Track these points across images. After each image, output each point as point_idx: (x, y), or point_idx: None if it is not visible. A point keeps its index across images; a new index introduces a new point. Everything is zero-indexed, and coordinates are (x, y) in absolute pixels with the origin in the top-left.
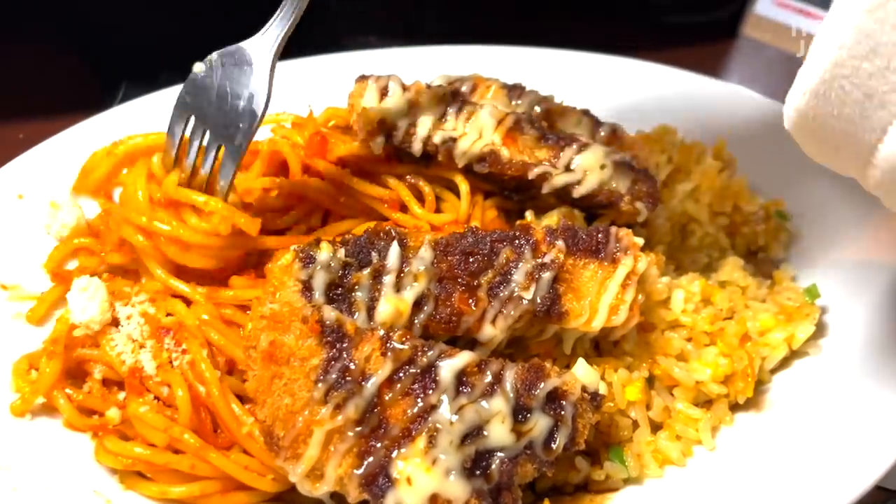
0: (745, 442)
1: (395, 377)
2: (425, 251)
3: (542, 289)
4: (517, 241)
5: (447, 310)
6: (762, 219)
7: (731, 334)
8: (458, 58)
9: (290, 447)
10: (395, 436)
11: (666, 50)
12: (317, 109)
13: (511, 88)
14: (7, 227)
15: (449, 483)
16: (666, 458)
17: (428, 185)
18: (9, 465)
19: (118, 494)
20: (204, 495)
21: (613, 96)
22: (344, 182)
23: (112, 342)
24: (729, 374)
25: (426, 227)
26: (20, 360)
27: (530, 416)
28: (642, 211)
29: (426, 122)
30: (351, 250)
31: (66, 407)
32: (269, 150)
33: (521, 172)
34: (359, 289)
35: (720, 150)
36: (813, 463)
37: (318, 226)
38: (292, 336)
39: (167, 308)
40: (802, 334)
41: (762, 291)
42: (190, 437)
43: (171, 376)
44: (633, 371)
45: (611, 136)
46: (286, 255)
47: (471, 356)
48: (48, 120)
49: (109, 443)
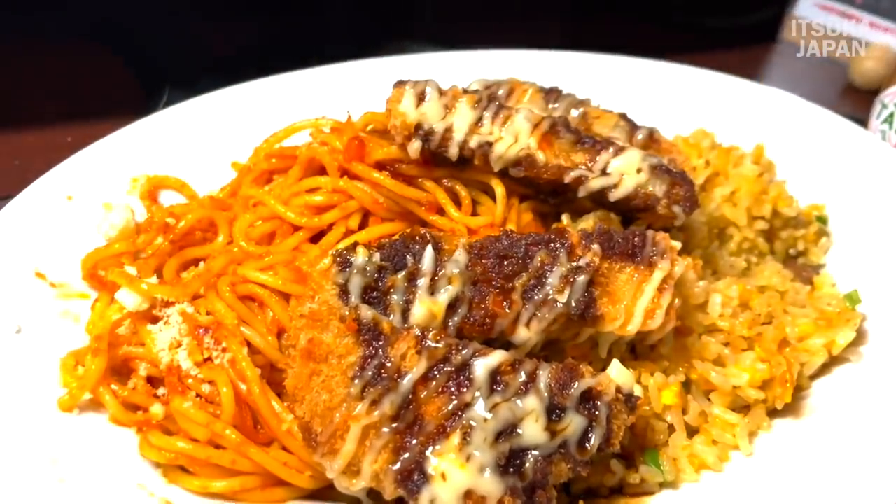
0: (783, 448)
1: (430, 375)
2: (460, 254)
3: (577, 292)
4: (552, 244)
5: (481, 312)
6: (802, 223)
7: (769, 339)
8: (496, 62)
9: (328, 443)
10: (430, 432)
11: (705, 54)
12: (356, 114)
13: (548, 92)
14: (56, 227)
15: (483, 480)
16: (702, 463)
17: (464, 189)
18: (56, 458)
19: (161, 488)
20: (244, 490)
21: (651, 100)
22: (382, 185)
23: (154, 339)
24: (767, 379)
25: (462, 230)
26: (67, 356)
27: (564, 415)
28: (679, 214)
29: (462, 126)
30: (386, 254)
31: (112, 403)
32: (308, 156)
33: (557, 176)
34: (394, 292)
35: (759, 154)
36: (851, 471)
37: (356, 228)
38: (330, 334)
39: (206, 306)
40: (843, 340)
41: (801, 297)
42: (231, 433)
43: (215, 373)
44: (670, 375)
45: (648, 140)
46: (325, 258)
47: (505, 355)
48: (95, 124)
49: (153, 437)
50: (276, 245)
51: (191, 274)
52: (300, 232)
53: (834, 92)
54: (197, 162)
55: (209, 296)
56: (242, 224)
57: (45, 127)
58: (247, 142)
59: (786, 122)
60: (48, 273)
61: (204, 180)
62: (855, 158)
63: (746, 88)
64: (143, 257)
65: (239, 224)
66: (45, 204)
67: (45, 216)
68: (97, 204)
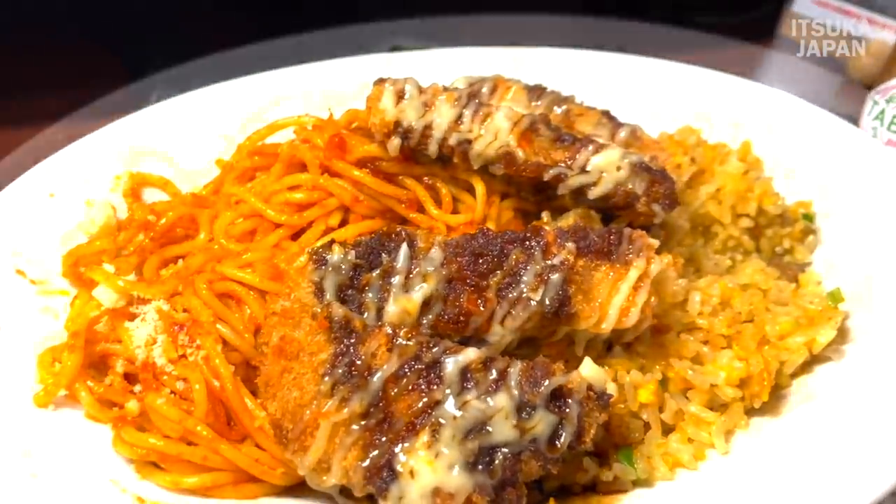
0: (760, 447)
1: (401, 372)
2: (435, 252)
3: (551, 290)
4: (527, 242)
5: (455, 310)
6: (788, 221)
7: (748, 337)
8: (481, 59)
9: (298, 440)
10: (400, 429)
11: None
12: (339, 112)
13: (531, 89)
14: (37, 223)
15: (452, 477)
16: (677, 461)
17: (445, 187)
18: (29, 452)
19: (133, 484)
20: (215, 486)
21: (639, 97)
22: (362, 182)
23: (131, 336)
24: (744, 377)
25: (442, 228)
26: (44, 352)
27: (534, 412)
28: (659, 212)
29: (442, 124)
30: (362, 252)
31: (87, 399)
32: (289, 153)
33: (537, 174)
34: (369, 289)
35: (745, 151)
36: (828, 469)
37: (336, 226)
38: (302, 332)
39: (182, 303)
40: (824, 338)
41: (785, 295)
42: (203, 430)
43: (189, 370)
44: (647, 373)
45: (630, 138)
46: (302, 256)
47: (476, 353)
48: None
49: (126, 433)
50: (255, 242)
51: (169, 271)
52: (280, 229)
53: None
54: (181, 159)
55: (186, 293)
56: (223, 222)
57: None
58: (231, 139)
59: (774, 119)
60: (28, 270)
61: (188, 178)
62: (844, 155)
63: (734, 85)
64: (124, 254)
65: (219, 222)
66: (26, 201)
67: (27, 213)
68: (79, 201)
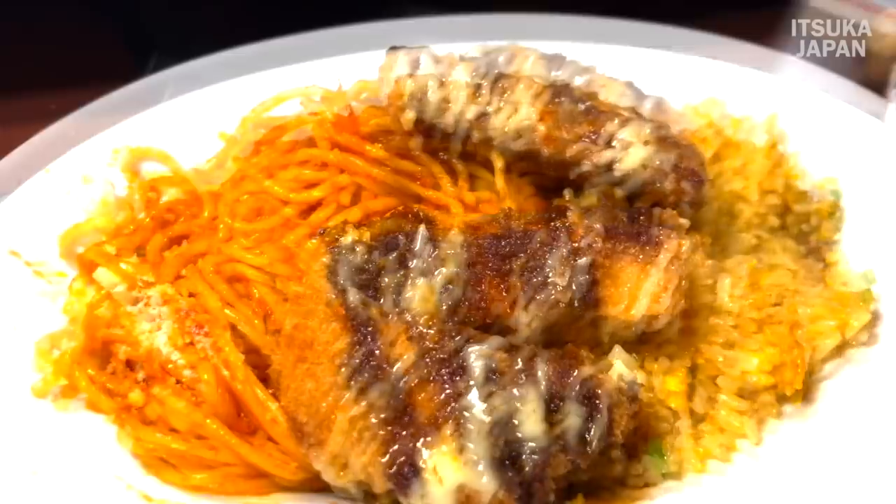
0: (792, 436)
1: (422, 363)
2: (455, 234)
3: (578, 275)
4: (552, 223)
5: (477, 295)
6: (815, 198)
7: (780, 321)
8: (497, 27)
9: (314, 433)
10: (422, 424)
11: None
12: (348, 82)
13: (551, 59)
14: (33, 202)
15: (477, 474)
16: (707, 452)
17: (461, 163)
18: (28, 447)
19: (139, 479)
20: (226, 482)
21: (659, 67)
22: (374, 158)
23: (134, 322)
24: (777, 363)
25: (458, 206)
26: (42, 339)
27: (563, 405)
28: (688, 190)
29: (460, 96)
30: (377, 234)
31: (89, 388)
32: (297, 127)
33: (559, 149)
34: (385, 273)
35: (771, 125)
36: (864, 460)
37: (348, 204)
38: (317, 319)
39: (189, 288)
40: (857, 322)
41: (814, 275)
42: (213, 424)
43: (197, 359)
44: (675, 360)
45: (655, 110)
46: (314, 239)
47: (500, 341)
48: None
49: (131, 427)
50: (262, 221)
51: (174, 253)
52: (288, 208)
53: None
54: (182, 132)
55: (191, 276)
56: (228, 199)
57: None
58: (235, 111)
59: (798, 91)
60: (23, 251)
61: (190, 152)
62: (870, 129)
63: (756, 54)
64: (125, 233)
65: (224, 199)
66: (20, 177)
67: (21, 190)
68: (76, 177)
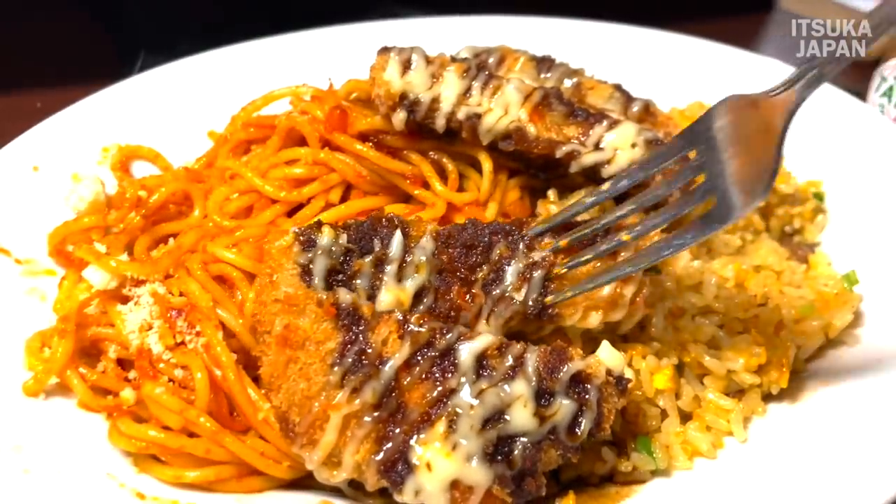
0: (777, 434)
1: (414, 360)
2: (427, 241)
3: (533, 289)
4: (511, 236)
5: (447, 304)
6: (799, 200)
7: (765, 322)
8: (486, 28)
9: (307, 433)
10: (414, 420)
11: (700, 21)
12: (339, 82)
13: (540, 61)
14: (22, 200)
15: (470, 468)
16: (695, 450)
17: (451, 163)
18: (20, 447)
19: (131, 477)
20: (219, 480)
21: (646, 70)
22: (365, 157)
23: (123, 320)
24: (763, 363)
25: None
26: (33, 337)
27: (553, 399)
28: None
29: (450, 96)
30: (353, 236)
31: (80, 387)
32: (287, 126)
33: (548, 151)
34: (360, 276)
35: None
36: (848, 458)
37: (337, 202)
38: (307, 319)
39: (179, 286)
40: (840, 323)
41: (797, 276)
42: (206, 421)
43: (189, 358)
44: (662, 358)
45: (643, 113)
46: (286, 236)
47: (491, 339)
48: (66, 88)
49: (123, 425)
50: (249, 219)
51: (161, 251)
52: (276, 205)
53: None
54: (172, 131)
55: (181, 275)
56: (217, 198)
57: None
58: (224, 110)
59: None
60: (13, 249)
61: (179, 150)
62: (853, 133)
63: (744, 59)
64: (114, 232)
65: (214, 198)
66: (9, 175)
67: (10, 188)
68: (65, 175)
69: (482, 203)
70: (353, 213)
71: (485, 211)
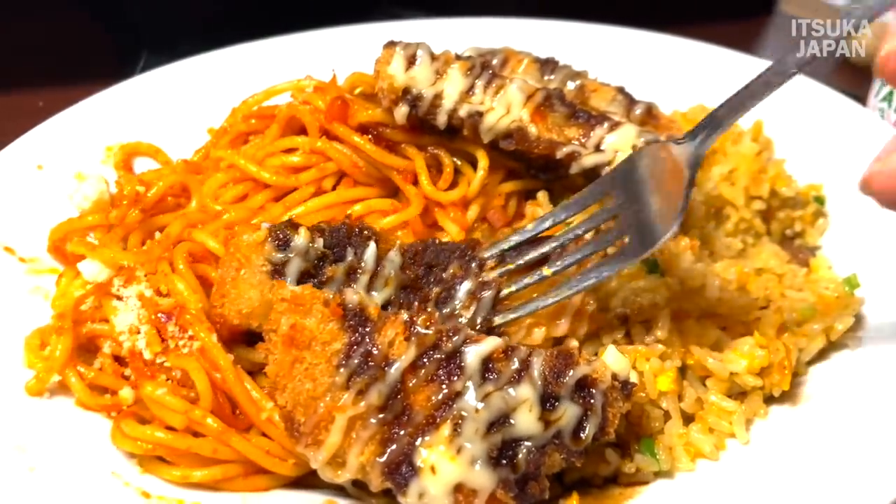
0: (779, 436)
1: (420, 363)
2: (395, 255)
3: (483, 309)
4: (465, 257)
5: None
6: (800, 204)
7: (767, 324)
8: (489, 30)
9: (312, 433)
10: (419, 423)
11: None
12: (341, 81)
13: (544, 63)
14: (26, 198)
15: (474, 472)
16: (698, 452)
17: (448, 158)
18: (24, 446)
19: (136, 476)
20: (225, 479)
21: (649, 73)
22: (361, 148)
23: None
24: (765, 365)
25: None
26: (32, 334)
27: (558, 404)
28: None
29: (453, 93)
30: (328, 242)
31: (78, 386)
32: (287, 115)
33: (549, 151)
34: (332, 283)
35: (757, 131)
36: (849, 460)
37: (329, 189)
38: (314, 320)
39: (164, 284)
40: (842, 326)
41: (798, 280)
42: (212, 421)
43: (185, 362)
44: (666, 360)
45: (646, 116)
46: (258, 232)
47: (497, 342)
48: (69, 88)
49: (127, 426)
50: (237, 204)
51: (149, 245)
52: (267, 190)
53: (829, 66)
54: (175, 130)
55: (163, 269)
56: (212, 185)
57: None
58: (227, 110)
59: (783, 99)
60: (17, 247)
61: (182, 150)
62: (853, 137)
63: (743, 62)
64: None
65: (207, 185)
66: (13, 174)
67: (14, 187)
68: (69, 174)
69: (468, 201)
70: (341, 201)
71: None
